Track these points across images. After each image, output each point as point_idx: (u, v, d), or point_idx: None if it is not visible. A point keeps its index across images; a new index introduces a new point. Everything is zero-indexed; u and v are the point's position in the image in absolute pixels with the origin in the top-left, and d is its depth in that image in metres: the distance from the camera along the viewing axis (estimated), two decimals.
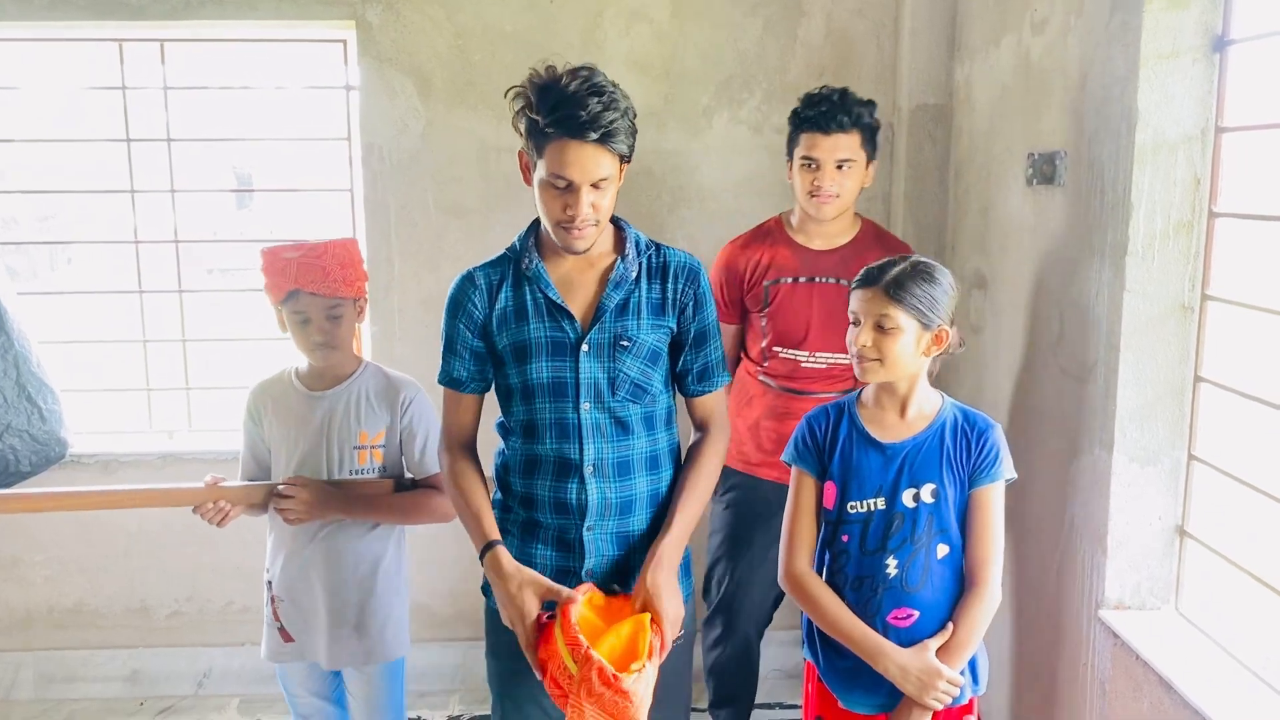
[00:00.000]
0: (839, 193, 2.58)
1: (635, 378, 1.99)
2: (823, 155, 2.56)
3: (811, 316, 2.67)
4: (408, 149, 3.36)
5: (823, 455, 2.07)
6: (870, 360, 1.97)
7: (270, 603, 2.45)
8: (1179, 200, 2.17)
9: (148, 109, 3.52)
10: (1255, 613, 2.16)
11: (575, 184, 1.85)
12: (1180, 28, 2.12)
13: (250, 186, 12.84)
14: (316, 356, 2.37)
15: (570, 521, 2.01)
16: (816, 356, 2.67)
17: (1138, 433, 2.24)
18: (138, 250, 3.56)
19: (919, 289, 1.95)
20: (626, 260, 2.00)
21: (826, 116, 2.54)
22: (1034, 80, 2.66)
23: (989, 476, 2.01)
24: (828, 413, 2.11)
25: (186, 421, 3.68)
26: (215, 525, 2.35)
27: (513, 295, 2.00)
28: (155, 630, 3.66)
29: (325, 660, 2.41)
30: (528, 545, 2.05)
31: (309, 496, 2.30)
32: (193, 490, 2.36)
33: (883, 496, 2.00)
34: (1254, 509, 2.05)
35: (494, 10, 3.33)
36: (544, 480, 2.02)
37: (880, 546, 2.00)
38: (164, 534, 3.55)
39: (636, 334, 1.98)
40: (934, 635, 1.99)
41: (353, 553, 2.38)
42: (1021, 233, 2.74)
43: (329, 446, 2.37)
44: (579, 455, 1.98)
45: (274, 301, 2.36)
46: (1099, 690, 2.33)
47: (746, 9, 3.37)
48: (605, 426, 1.99)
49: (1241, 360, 2.30)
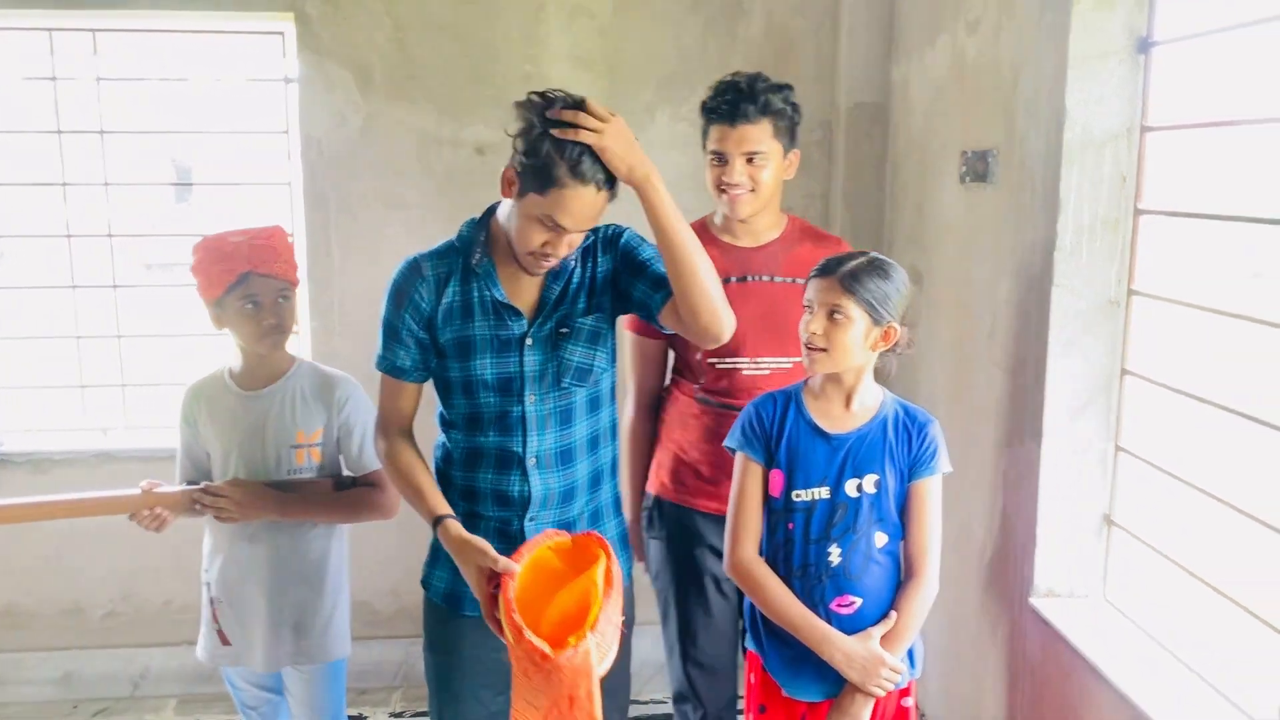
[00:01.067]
0: (752, 187, 2.34)
1: (579, 362, 1.99)
2: (730, 148, 2.33)
3: (747, 319, 2.30)
4: (347, 142, 3.33)
5: (770, 442, 2.09)
6: (817, 350, 2.00)
7: (209, 604, 2.42)
8: (1106, 197, 2.23)
9: (83, 100, 3.45)
10: (1179, 599, 2.22)
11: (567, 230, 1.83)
12: (1107, 29, 2.17)
13: (190, 179, 12.60)
14: (267, 343, 2.31)
15: (512, 513, 2.01)
16: (758, 362, 2.41)
17: (1067, 425, 2.30)
18: (70, 244, 3.49)
19: (872, 283, 1.98)
20: None
21: (732, 105, 2.32)
22: (968, 80, 2.70)
23: (928, 470, 2.05)
24: (775, 400, 2.13)
25: (122, 418, 3.62)
26: (153, 531, 2.30)
27: (460, 291, 1.98)
28: (90, 631, 3.59)
29: (262, 663, 2.37)
30: None
31: (241, 497, 2.26)
32: (128, 497, 2.29)
33: (827, 486, 2.04)
34: (1178, 499, 2.11)
35: (434, 3, 3.31)
36: (486, 473, 2.02)
37: (824, 535, 2.03)
38: (99, 532, 3.47)
39: (574, 320, 1.98)
40: (877, 624, 2.03)
41: (292, 553, 2.35)
42: (955, 229, 2.79)
43: (266, 447, 2.33)
44: (521, 447, 1.98)
45: (215, 294, 2.28)
46: (1030, 676, 2.39)
47: (687, 6, 3.39)
48: (549, 417, 1.99)
49: (1166, 354, 2.37)
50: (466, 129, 3.38)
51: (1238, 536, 2.05)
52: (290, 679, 2.45)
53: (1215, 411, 1.96)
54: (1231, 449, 2.75)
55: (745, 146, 2.32)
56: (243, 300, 2.27)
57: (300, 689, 2.44)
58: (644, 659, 3.47)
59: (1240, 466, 2.67)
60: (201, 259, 2.28)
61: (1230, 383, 2.39)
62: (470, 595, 2.02)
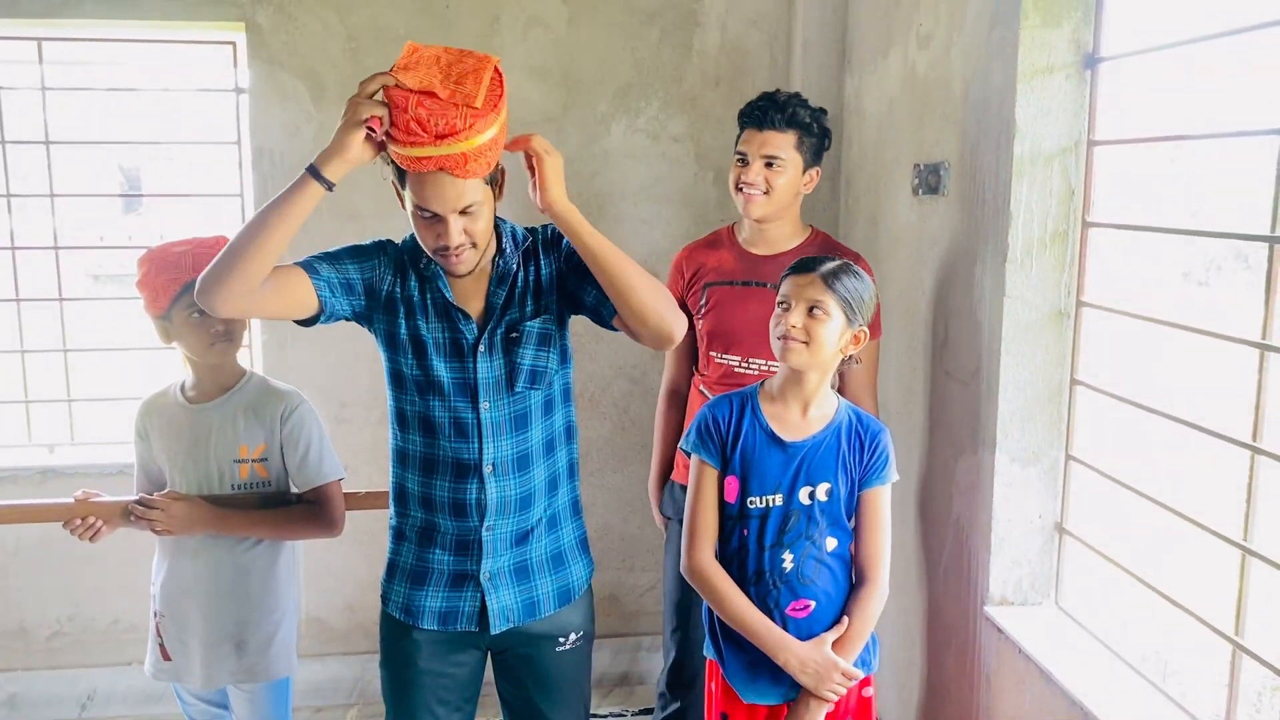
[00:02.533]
0: (766, 190, 2.50)
1: (530, 364, 1.98)
2: (751, 150, 2.51)
3: (745, 320, 2.57)
4: (300, 152, 3.29)
5: (725, 448, 2.09)
6: (798, 341, 2.01)
7: (154, 617, 2.38)
8: (1055, 210, 2.26)
9: (25, 109, 3.38)
10: (1129, 606, 2.26)
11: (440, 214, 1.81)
12: (1054, 44, 2.21)
13: (139, 187, 12.42)
14: (216, 352, 2.28)
15: (469, 523, 1.99)
16: (750, 363, 2.58)
17: (1018, 434, 2.33)
18: (14, 256, 3.42)
19: (850, 283, 2.02)
20: (505, 256, 1.98)
21: (761, 112, 2.50)
22: (919, 93, 2.74)
23: (879, 479, 2.08)
24: (730, 403, 2.13)
25: (69, 435, 3.54)
26: (87, 541, 2.27)
27: (416, 287, 1.98)
28: (35, 652, 3.51)
29: (200, 680, 2.34)
30: (425, 550, 2.04)
31: (176, 510, 2.23)
32: (61, 505, 2.27)
33: (781, 493, 2.05)
34: (1127, 506, 2.15)
35: (387, 13, 3.29)
36: (443, 480, 2.00)
37: (777, 541, 2.05)
38: (43, 552, 3.41)
39: (522, 324, 1.97)
40: (829, 629, 2.05)
41: (233, 569, 2.31)
42: (908, 241, 2.82)
43: (209, 461, 2.30)
44: (478, 455, 1.97)
45: (162, 306, 2.25)
46: (984, 683, 2.41)
47: (643, 18, 3.40)
48: (504, 424, 1.98)
49: (1115, 364, 2.41)
50: None
51: (1186, 544, 2.09)
52: (234, 697, 2.41)
53: (1163, 421, 2.00)
54: (1179, 457, 2.80)
55: (766, 150, 2.50)
56: (189, 309, 2.23)
57: (243, 708, 2.40)
58: (603, 672, 3.46)
59: (1188, 474, 2.72)
60: (147, 271, 2.25)
61: (1178, 392, 2.44)
62: (429, 608, 2.02)
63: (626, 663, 3.71)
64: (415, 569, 2.05)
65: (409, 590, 2.04)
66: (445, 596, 2.02)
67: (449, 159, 1.74)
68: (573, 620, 2.10)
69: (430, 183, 1.78)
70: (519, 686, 2.11)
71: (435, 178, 1.77)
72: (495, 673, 2.15)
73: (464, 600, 2.02)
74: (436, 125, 1.71)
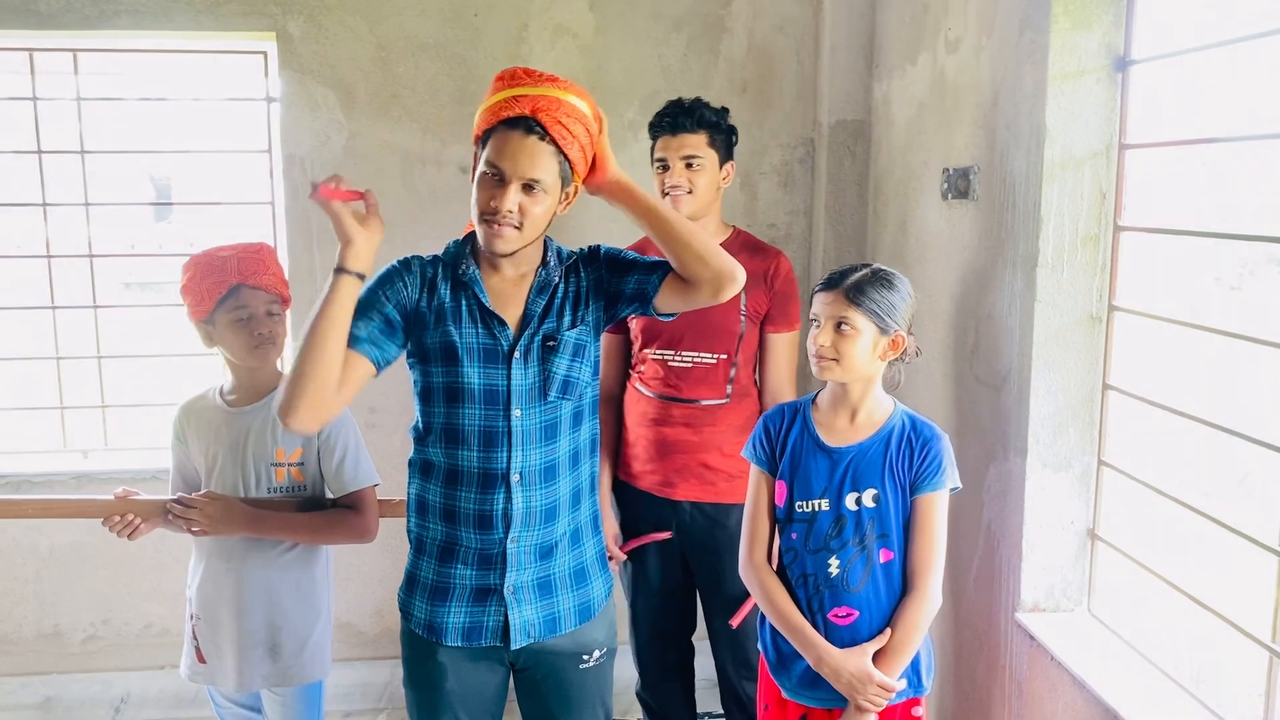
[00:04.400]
0: (690, 189, 2.60)
1: (564, 374, 1.98)
2: (670, 154, 2.60)
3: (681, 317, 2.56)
4: (330, 161, 3.33)
5: (775, 455, 2.15)
6: (828, 360, 2.04)
7: (189, 620, 2.41)
8: (1086, 214, 2.25)
9: (61, 120, 3.43)
10: (1162, 613, 2.24)
11: (506, 175, 1.84)
12: (1085, 48, 2.20)
13: (169, 194, 12.57)
14: (258, 355, 2.31)
15: (493, 535, 1.97)
16: (682, 355, 2.67)
17: (1050, 439, 2.31)
18: (50, 264, 3.47)
19: (878, 294, 2.02)
20: (549, 268, 2.01)
21: (671, 118, 2.61)
22: (948, 97, 2.73)
23: (930, 485, 2.06)
24: (784, 413, 2.19)
25: (102, 440, 3.59)
26: (126, 538, 2.30)
27: (449, 294, 1.97)
28: (69, 656, 3.56)
29: (234, 683, 2.36)
30: (446, 565, 2.02)
31: (214, 510, 2.26)
32: (101, 502, 2.31)
33: (827, 498, 2.06)
34: (1160, 512, 2.13)
35: (417, 23, 3.32)
36: (468, 491, 1.98)
37: (823, 546, 2.06)
38: (77, 556, 3.46)
39: (559, 332, 1.98)
40: (872, 639, 2.04)
41: (268, 573, 2.34)
42: (938, 246, 2.81)
43: (246, 463, 2.33)
44: (505, 463, 1.95)
45: (206, 309, 2.28)
46: (1016, 690, 2.39)
47: (670, 25, 3.41)
48: (534, 432, 1.97)
49: (1147, 369, 2.39)
50: (450, 148, 3.39)
51: (1220, 550, 2.07)
52: (267, 700, 2.43)
53: (1196, 426, 1.98)
54: (1213, 463, 2.77)
55: (683, 151, 2.60)
56: (233, 312, 2.27)
57: (276, 712, 2.42)
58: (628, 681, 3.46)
59: (1220, 479, 2.70)
60: (191, 276, 2.28)
61: (1211, 397, 2.42)
62: (452, 624, 2.01)
63: None
64: (436, 584, 2.03)
65: (431, 606, 2.03)
66: (468, 612, 2.01)
67: (544, 99, 1.82)
68: (595, 637, 2.09)
69: (512, 140, 1.83)
70: (541, 704, 2.11)
71: (517, 138, 1.83)
72: (517, 690, 2.14)
73: (488, 615, 2.00)
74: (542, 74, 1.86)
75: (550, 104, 1.83)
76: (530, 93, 1.83)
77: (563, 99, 1.84)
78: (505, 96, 1.84)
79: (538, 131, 1.83)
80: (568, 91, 1.86)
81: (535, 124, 1.83)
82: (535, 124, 1.83)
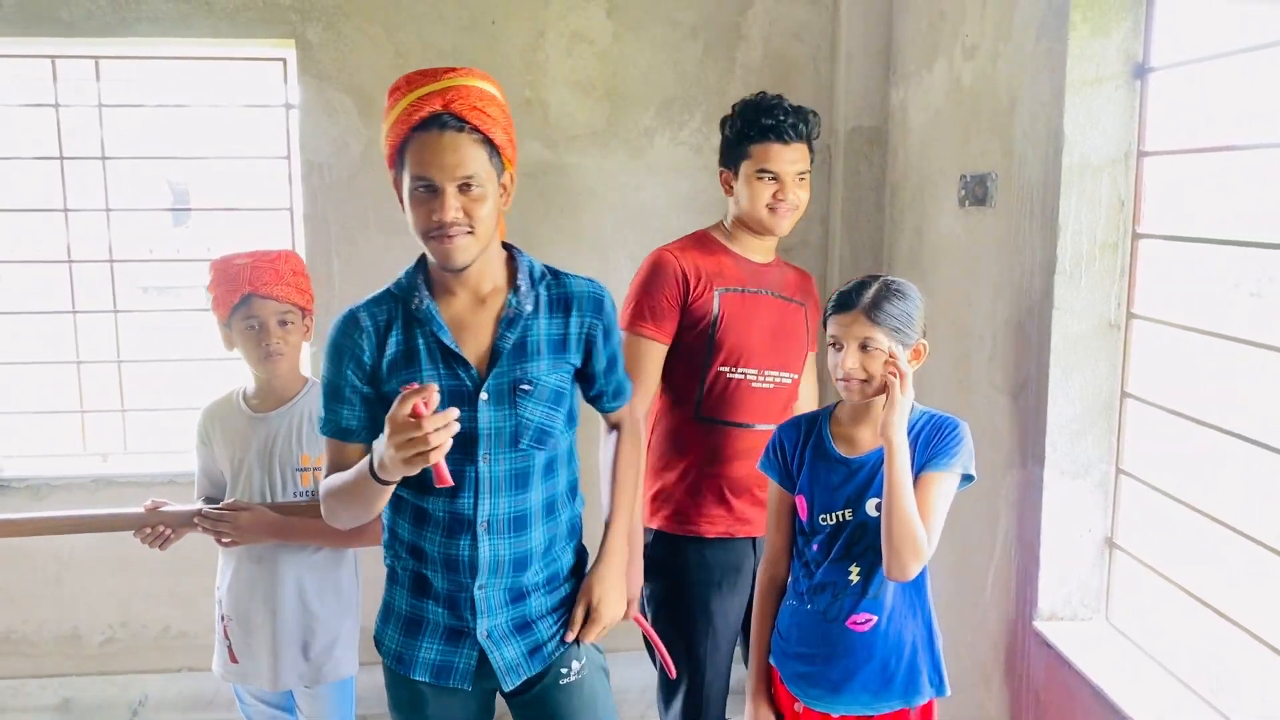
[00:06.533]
0: (798, 205, 2.41)
1: (539, 422, 1.85)
2: (784, 167, 2.36)
3: (760, 330, 2.44)
4: (348, 167, 3.35)
5: (790, 470, 2.12)
6: (858, 381, 1.98)
7: (220, 620, 2.43)
8: (1104, 221, 2.24)
9: (82, 125, 3.46)
10: (1181, 622, 2.22)
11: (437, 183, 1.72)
12: (1103, 55, 2.19)
13: (187, 200, 12.65)
14: (267, 366, 2.32)
15: (461, 579, 1.86)
16: (765, 375, 2.44)
17: (1068, 447, 2.31)
18: (71, 269, 3.50)
19: (895, 308, 1.98)
20: (520, 294, 1.85)
21: (785, 126, 2.35)
22: (965, 104, 2.72)
23: (935, 465, 1.98)
24: (799, 425, 2.14)
25: (121, 444, 3.61)
26: (157, 549, 2.33)
27: (403, 338, 1.82)
28: (88, 658, 3.58)
29: (269, 682, 2.38)
30: (418, 599, 1.92)
31: (245, 521, 2.27)
32: (132, 515, 2.32)
33: (850, 508, 2.03)
34: (1180, 521, 2.12)
35: (435, 30, 3.33)
36: (434, 534, 1.86)
37: (845, 554, 2.03)
38: (96, 559, 3.48)
39: (537, 376, 1.84)
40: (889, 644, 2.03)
41: (298, 572, 2.36)
42: (955, 253, 2.80)
43: (271, 468, 2.34)
44: (473, 511, 1.83)
45: (222, 316, 2.32)
46: (1034, 700, 2.38)
47: (686, 32, 3.41)
48: (503, 480, 1.84)
49: (1166, 376, 2.38)
50: None
51: (1239, 558, 2.06)
52: (300, 697, 2.46)
53: (1215, 434, 1.97)
54: (1232, 471, 2.76)
55: (798, 165, 2.39)
56: (244, 321, 2.30)
57: (310, 708, 2.45)
58: (645, 684, 3.45)
59: (1241, 488, 2.68)
60: (212, 279, 2.32)
61: (1230, 404, 2.40)
62: (422, 659, 1.91)
63: None
64: (409, 616, 1.93)
65: (402, 638, 1.93)
66: (440, 650, 1.91)
67: (453, 91, 1.71)
68: (571, 651, 1.98)
69: (430, 145, 1.71)
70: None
71: (435, 139, 1.71)
72: (510, 711, 2.03)
73: (460, 656, 1.90)
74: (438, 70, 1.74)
75: (458, 93, 1.72)
76: (434, 88, 1.72)
77: (469, 84, 1.74)
78: (410, 101, 1.72)
79: (454, 125, 1.72)
80: (470, 77, 1.75)
81: (450, 118, 1.71)
82: (450, 118, 1.71)
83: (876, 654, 2.02)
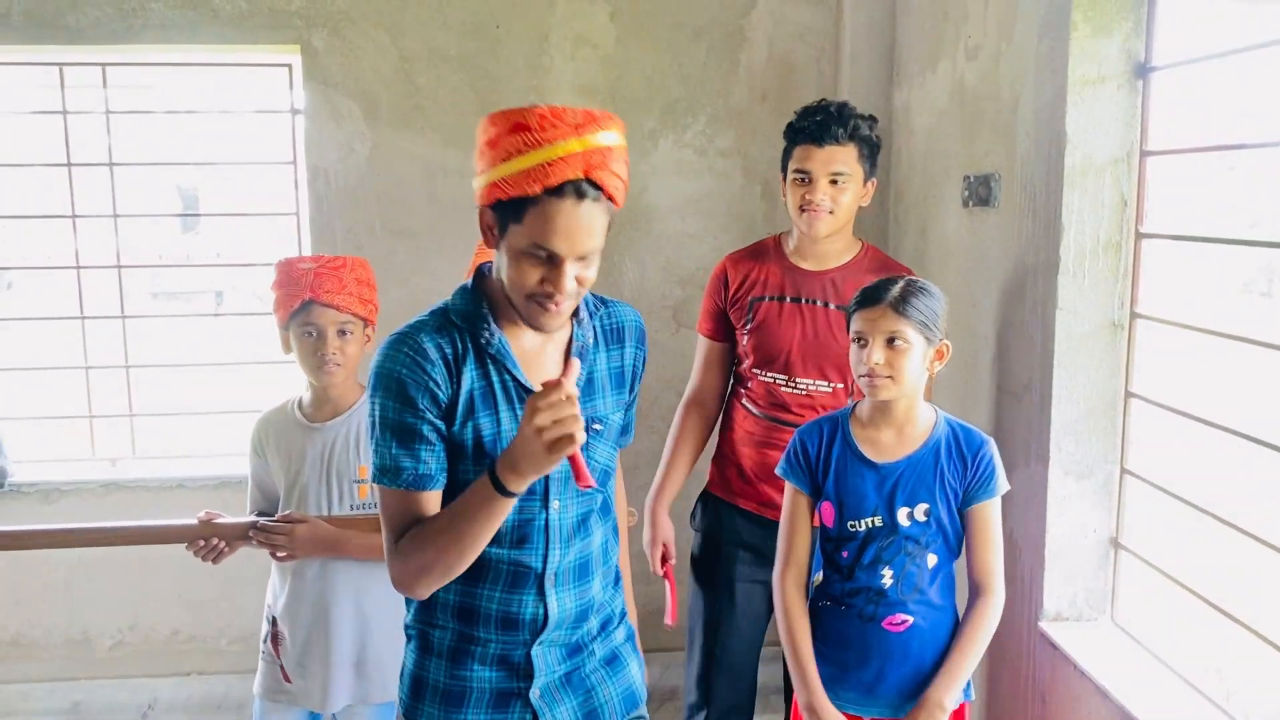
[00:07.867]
0: (832, 208, 2.38)
1: (605, 463, 1.71)
2: (815, 168, 2.37)
3: (792, 339, 2.47)
4: (354, 172, 3.36)
5: (815, 474, 2.08)
6: (883, 378, 1.97)
7: (270, 638, 2.35)
8: (1107, 221, 2.24)
9: (90, 132, 3.48)
10: (1186, 622, 2.22)
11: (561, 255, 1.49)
12: (1105, 54, 2.19)
13: (196, 206, 12.70)
14: (322, 375, 2.26)
15: (519, 637, 1.68)
16: (796, 382, 2.47)
17: (1072, 447, 2.30)
18: (79, 275, 3.52)
19: (921, 304, 1.98)
20: (583, 327, 1.69)
21: (821, 127, 2.36)
22: (968, 105, 2.72)
23: (985, 493, 2.02)
24: (821, 428, 2.11)
25: (130, 449, 3.63)
26: (210, 562, 2.26)
27: (478, 374, 1.60)
28: (98, 661, 3.59)
29: (319, 703, 2.30)
30: (460, 668, 1.70)
31: (301, 534, 2.21)
32: (186, 527, 2.24)
33: (880, 515, 2.02)
34: (1184, 521, 2.12)
35: (439, 35, 3.34)
36: (491, 590, 1.66)
37: (877, 559, 2.02)
38: (105, 562, 3.49)
39: (605, 415, 1.70)
40: (926, 644, 2.02)
41: (355, 589, 2.29)
42: (959, 253, 2.80)
43: (328, 480, 2.28)
44: (541, 563, 1.65)
45: (281, 319, 2.26)
46: (1039, 700, 2.38)
47: (690, 35, 3.42)
48: (571, 527, 1.68)
49: (1170, 376, 2.37)
50: (472, 158, 3.40)
51: (1244, 558, 2.05)
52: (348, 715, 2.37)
53: (1219, 433, 1.96)
54: (1236, 470, 2.75)
55: (831, 167, 2.38)
56: (302, 328, 2.24)
57: None
58: (653, 685, 3.46)
59: (1245, 487, 2.67)
60: (276, 280, 2.27)
61: (1234, 404, 2.40)
62: None
63: (676, 677, 3.71)
64: (449, 688, 1.71)
65: (444, 713, 1.70)
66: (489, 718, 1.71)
67: (597, 156, 1.45)
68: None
69: (564, 215, 1.46)
70: None
71: (571, 210, 1.46)
72: None
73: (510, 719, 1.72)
74: (574, 116, 1.45)
75: (602, 157, 1.47)
76: (576, 149, 1.44)
77: (611, 146, 1.49)
78: (548, 158, 1.44)
79: (592, 195, 1.48)
80: (609, 130, 1.49)
81: (590, 186, 1.47)
82: (590, 186, 1.47)
83: (912, 655, 2.02)
